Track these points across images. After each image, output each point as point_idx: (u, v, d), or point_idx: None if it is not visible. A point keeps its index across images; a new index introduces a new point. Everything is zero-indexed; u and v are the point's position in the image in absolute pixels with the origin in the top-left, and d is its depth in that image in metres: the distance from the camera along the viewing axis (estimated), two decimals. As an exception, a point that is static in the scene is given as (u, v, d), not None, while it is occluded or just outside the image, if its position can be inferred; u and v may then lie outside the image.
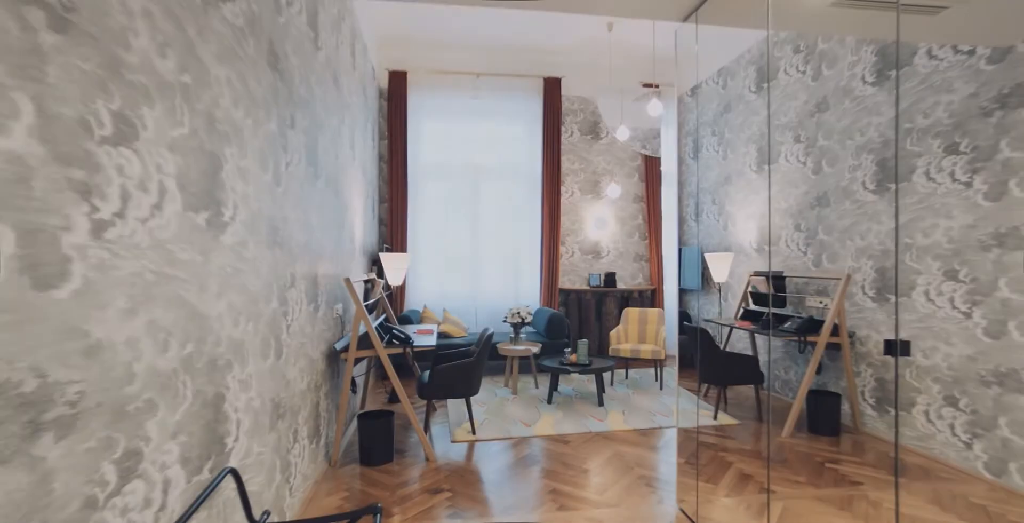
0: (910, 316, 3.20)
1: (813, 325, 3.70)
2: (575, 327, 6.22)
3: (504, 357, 5.09)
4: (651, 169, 6.52)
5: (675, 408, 3.78)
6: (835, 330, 3.59)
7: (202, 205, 1.46)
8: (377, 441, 3.03)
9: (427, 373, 3.51)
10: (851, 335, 3.55)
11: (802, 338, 3.64)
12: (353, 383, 3.30)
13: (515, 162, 6.33)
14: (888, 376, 3.24)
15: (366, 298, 3.62)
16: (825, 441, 3.46)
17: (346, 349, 3.07)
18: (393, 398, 4.41)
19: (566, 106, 6.51)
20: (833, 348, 3.64)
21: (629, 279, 6.67)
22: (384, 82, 6.02)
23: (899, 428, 3.20)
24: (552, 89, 6.28)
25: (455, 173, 6.19)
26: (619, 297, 6.41)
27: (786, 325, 3.87)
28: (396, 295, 5.82)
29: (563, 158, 6.49)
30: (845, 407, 3.57)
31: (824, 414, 3.65)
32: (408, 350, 3.15)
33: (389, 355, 3.20)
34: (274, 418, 2.09)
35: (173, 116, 1.30)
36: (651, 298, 6.53)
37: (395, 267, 4.57)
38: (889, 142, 3.24)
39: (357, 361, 3.29)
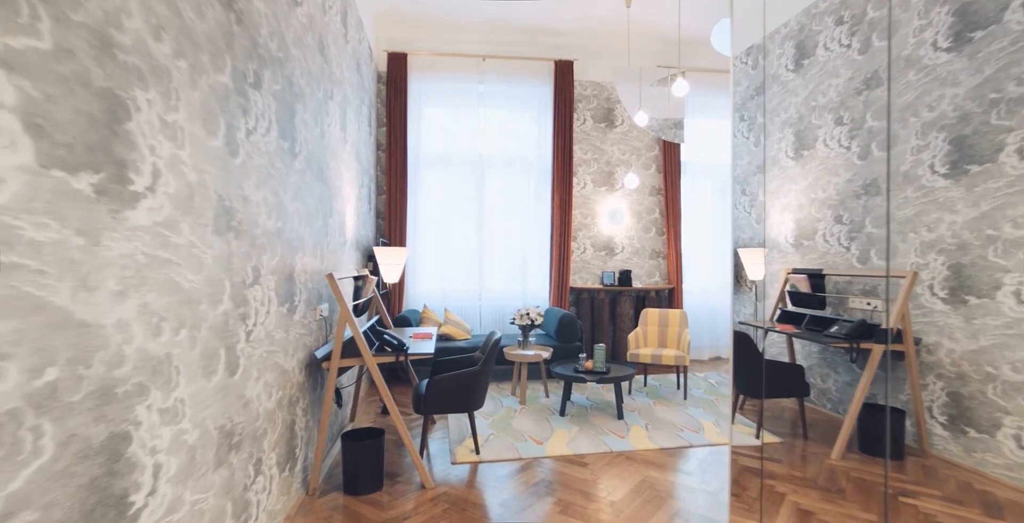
0: (994, 321, 2.70)
1: (866, 330, 3.23)
2: (587, 329, 5.76)
3: (511, 362, 4.64)
4: (670, 159, 6.05)
5: (730, 428, 3.30)
6: (896, 336, 3.13)
7: (86, 163, 1.01)
8: (364, 466, 2.58)
9: (424, 383, 3.07)
10: (916, 342, 3.09)
11: (855, 345, 3.18)
12: (338, 395, 2.86)
13: (523, 152, 5.88)
14: (965, 391, 2.76)
15: (357, 297, 3.17)
16: (889, 466, 2.99)
17: (328, 357, 2.63)
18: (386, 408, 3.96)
19: (579, 92, 6.04)
20: (891, 357, 3.17)
21: (645, 277, 6.20)
22: (383, 65, 5.57)
23: (972, 452, 2.71)
24: (564, 73, 5.81)
25: (459, 163, 5.74)
26: (635, 297, 5.95)
27: (833, 329, 3.40)
28: (394, 294, 5.38)
29: (575, 148, 6.03)
30: (906, 424, 3.11)
31: (881, 432, 3.18)
32: (402, 358, 2.70)
33: (380, 363, 2.75)
34: (224, 451, 1.64)
35: (16, 16, 0.85)
36: (669, 298, 6.06)
37: (391, 263, 4.13)
38: (969, 116, 2.76)
39: (342, 370, 2.85)
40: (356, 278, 3.22)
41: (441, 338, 4.96)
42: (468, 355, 3.50)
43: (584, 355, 4.04)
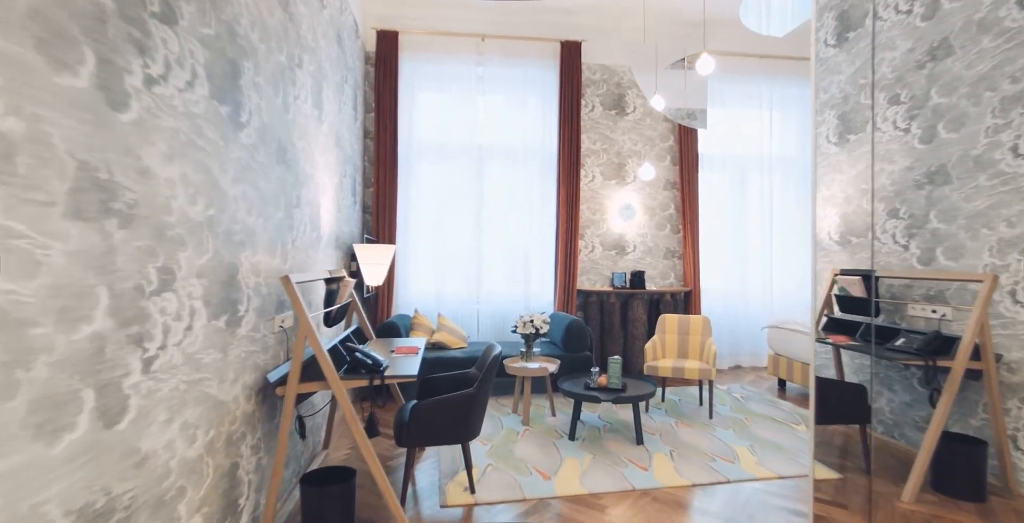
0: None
1: (942, 343, 2.71)
2: (596, 336, 5.23)
3: (512, 376, 4.11)
4: (687, 150, 5.52)
5: (810, 466, 2.77)
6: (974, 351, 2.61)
7: None
8: (329, 517, 2.06)
9: (410, 406, 2.54)
10: (997, 359, 2.56)
11: (931, 362, 2.65)
12: (301, 425, 2.33)
13: (526, 142, 5.35)
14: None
15: (330, 302, 2.65)
16: (969, 510, 2.46)
17: (284, 381, 2.10)
18: (372, 428, 3.42)
19: (587, 76, 5.51)
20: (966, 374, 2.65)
21: (659, 279, 5.67)
22: (371, 44, 5.04)
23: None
24: (571, 55, 5.29)
25: (455, 154, 5.22)
26: (648, 300, 5.42)
27: (899, 342, 2.88)
28: (381, 297, 4.85)
29: (583, 137, 5.50)
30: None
31: (959, 467, 2.66)
32: (378, 381, 2.17)
33: (353, 387, 2.22)
34: (92, 539, 1.12)
35: None
36: (685, 302, 5.53)
37: (375, 262, 3.60)
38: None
39: (302, 397, 2.32)
40: (329, 280, 2.70)
41: (433, 347, 4.44)
42: (463, 371, 2.98)
43: (596, 369, 3.51)
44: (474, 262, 5.21)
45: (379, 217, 4.92)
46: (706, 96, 4.78)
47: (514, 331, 3.85)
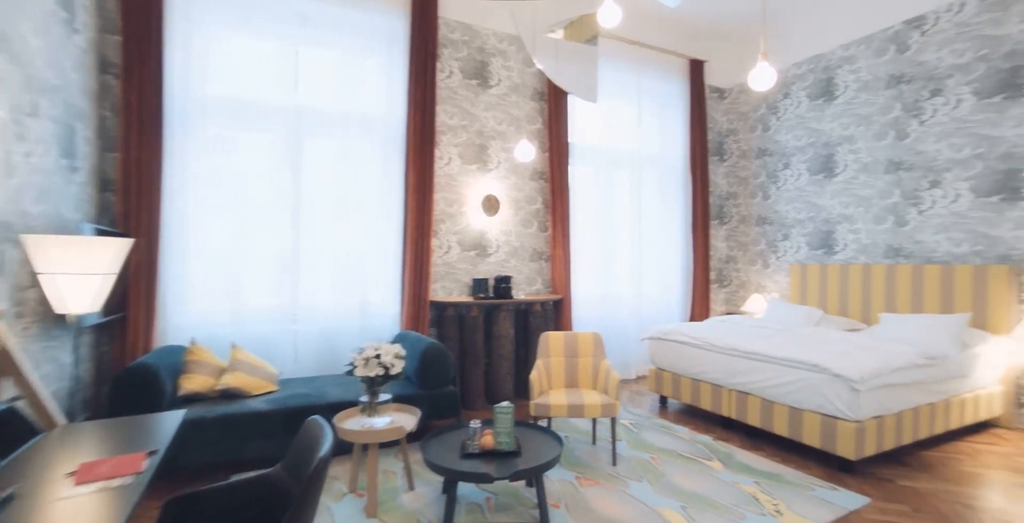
0: None
1: None
2: (455, 359, 4.15)
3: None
4: (556, 135, 4.75)
5: None
6: None
7: None
8: None
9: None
10: None
11: None
12: None
13: (365, 108, 4.04)
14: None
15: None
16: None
17: None
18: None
19: (444, 34, 4.40)
20: None
21: (525, 285, 4.82)
22: (115, -68, 3.25)
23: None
24: (425, 4, 4.13)
25: (264, 119, 3.68)
26: (516, 312, 4.51)
27: None
28: (131, 324, 3.11)
29: (438, 108, 4.37)
30: None
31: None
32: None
33: None
34: None
35: None
36: (556, 311, 4.76)
37: (74, 268, 2.01)
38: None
39: None
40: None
41: (225, 397, 2.90)
42: (260, 475, 1.65)
43: (477, 425, 2.42)
44: (290, 268, 3.73)
45: (129, 198, 3.16)
46: (596, 63, 4.03)
47: (350, 372, 2.56)
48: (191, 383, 2.81)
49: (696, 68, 5.63)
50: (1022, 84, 3.74)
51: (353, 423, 2.53)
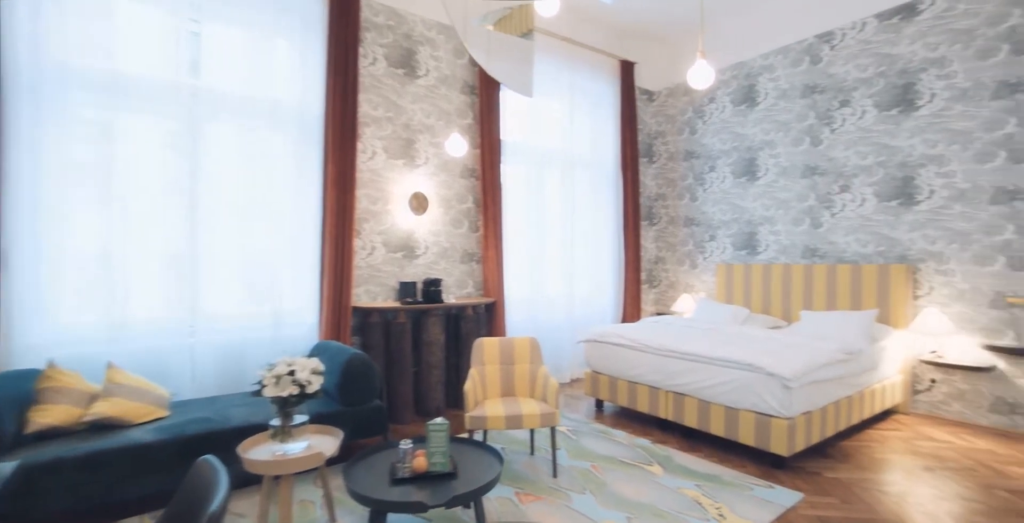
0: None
1: None
2: (381, 370, 3.84)
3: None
4: (488, 131, 4.57)
5: None
6: None
7: None
8: None
9: None
10: None
11: None
12: None
13: (276, 94, 3.64)
14: None
15: None
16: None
17: None
18: None
19: (367, 17, 4.08)
20: None
21: (456, 289, 4.58)
22: None
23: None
24: (343, -19, 3.80)
25: (151, 100, 3.17)
26: (447, 317, 4.28)
27: None
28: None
29: (361, 97, 4.04)
30: None
31: None
32: None
33: None
34: None
35: None
36: (488, 316, 4.57)
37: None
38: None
39: None
40: None
41: (96, 429, 2.43)
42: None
43: (409, 444, 2.16)
44: (187, 273, 3.25)
45: (-31, 187, 2.58)
46: (532, 56, 3.87)
47: (258, 392, 2.21)
48: (46, 416, 2.31)
49: (627, 69, 5.67)
50: (913, 100, 4.05)
51: (262, 451, 2.18)
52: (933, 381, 3.95)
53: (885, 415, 3.98)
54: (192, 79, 3.28)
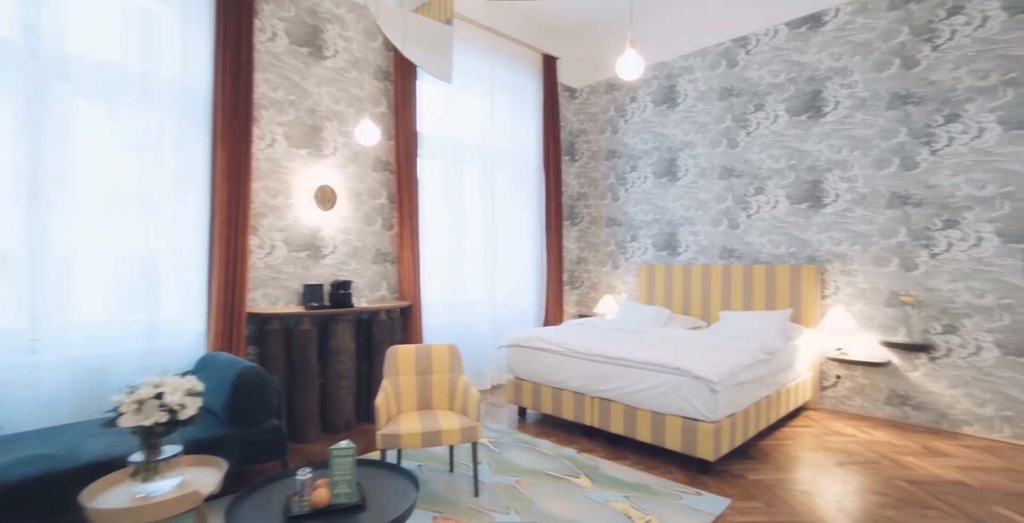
0: None
1: None
2: (283, 384, 3.41)
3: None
4: (404, 121, 4.24)
5: None
6: None
7: None
8: None
9: None
10: None
11: None
12: None
13: (152, 66, 3.10)
14: None
15: None
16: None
17: None
18: None
19: (262, -14, 3.61)
20: None
21: (368, 291, 4.21)
22: None
23: None
24: (235, -59, 3.32)
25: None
26: (357, 322, 3.91)
27: None
28: None
29: (257, 77, 3.57)
30: None
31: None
32: None
33: None
34: None
35: None
36: (404, 320, 4.24)
37: None
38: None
39: None
40: None
41: None
42: None
43: (307, 475, 1.83)
44: (25, 277, 2.66)
45: None
46: (451, 40, 3.59)
47: (111, 423, 1.78)
48: None
49: (549, 64, 5.54)
50: (820, 106, 4.23)
51: (118, 495, 1.76)
52: (838, 377, 4.15)
53: (797, 412, 4.11)
54: (36, 40, 2.69)
